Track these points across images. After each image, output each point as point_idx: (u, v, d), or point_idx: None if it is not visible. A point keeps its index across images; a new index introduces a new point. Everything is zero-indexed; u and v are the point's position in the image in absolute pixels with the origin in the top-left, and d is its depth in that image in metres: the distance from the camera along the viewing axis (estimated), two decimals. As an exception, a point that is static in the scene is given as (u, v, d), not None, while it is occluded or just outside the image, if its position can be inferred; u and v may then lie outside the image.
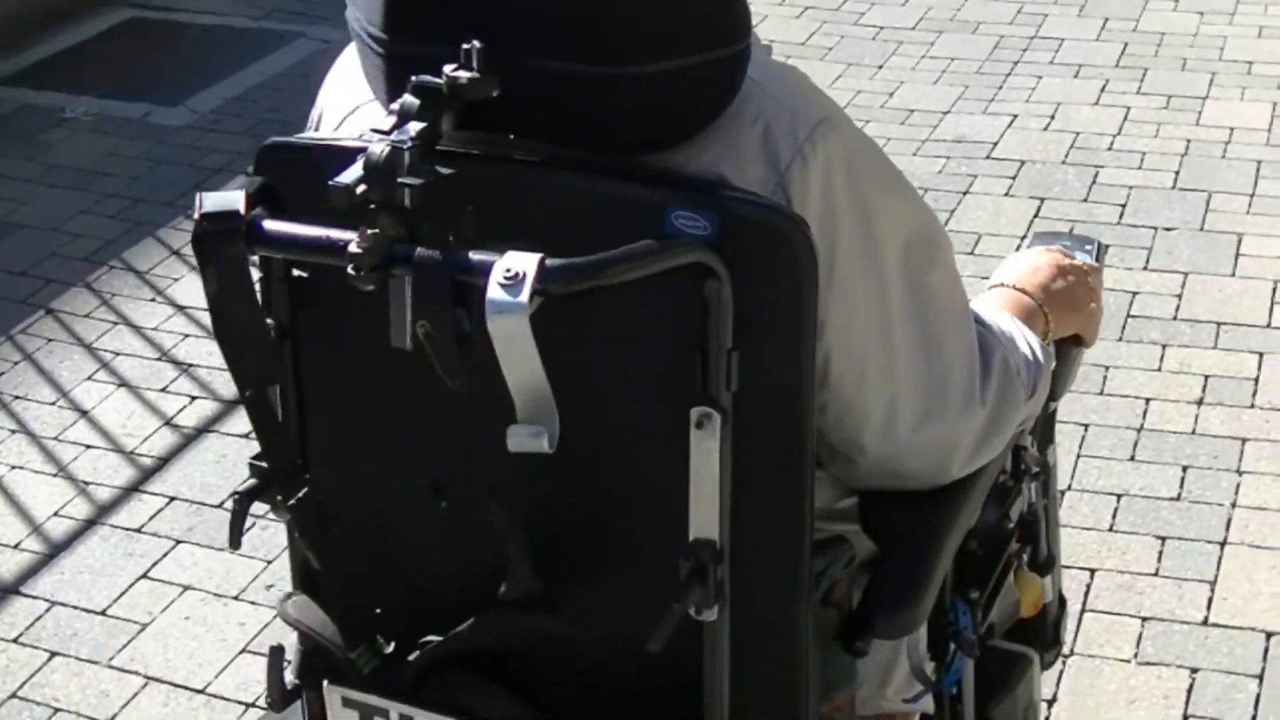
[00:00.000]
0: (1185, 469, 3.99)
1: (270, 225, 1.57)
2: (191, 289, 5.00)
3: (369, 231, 1.43)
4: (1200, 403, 4.24)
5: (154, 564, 3.86)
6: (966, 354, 1.77)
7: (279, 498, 1.74)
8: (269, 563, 3.83)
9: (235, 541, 1.79)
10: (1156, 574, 3.66)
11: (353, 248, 1.42)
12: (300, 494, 1.74)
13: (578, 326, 1.51)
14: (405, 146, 1.44)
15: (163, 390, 4.53)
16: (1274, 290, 4.73)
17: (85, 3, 7.32)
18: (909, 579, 1.82)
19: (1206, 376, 4.35)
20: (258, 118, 6.22)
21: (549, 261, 1.40)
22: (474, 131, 1.55)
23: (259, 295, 1.69)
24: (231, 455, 4.22)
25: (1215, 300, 4.69)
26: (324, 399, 1.80)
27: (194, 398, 4.48)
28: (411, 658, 1.77)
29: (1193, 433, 4.12)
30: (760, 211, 1.53)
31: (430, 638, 1.75)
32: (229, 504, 4.02)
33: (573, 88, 1.54)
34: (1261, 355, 4.43)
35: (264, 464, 1.74)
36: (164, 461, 4.23)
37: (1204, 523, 3.81)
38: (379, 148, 1.44)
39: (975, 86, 6.20)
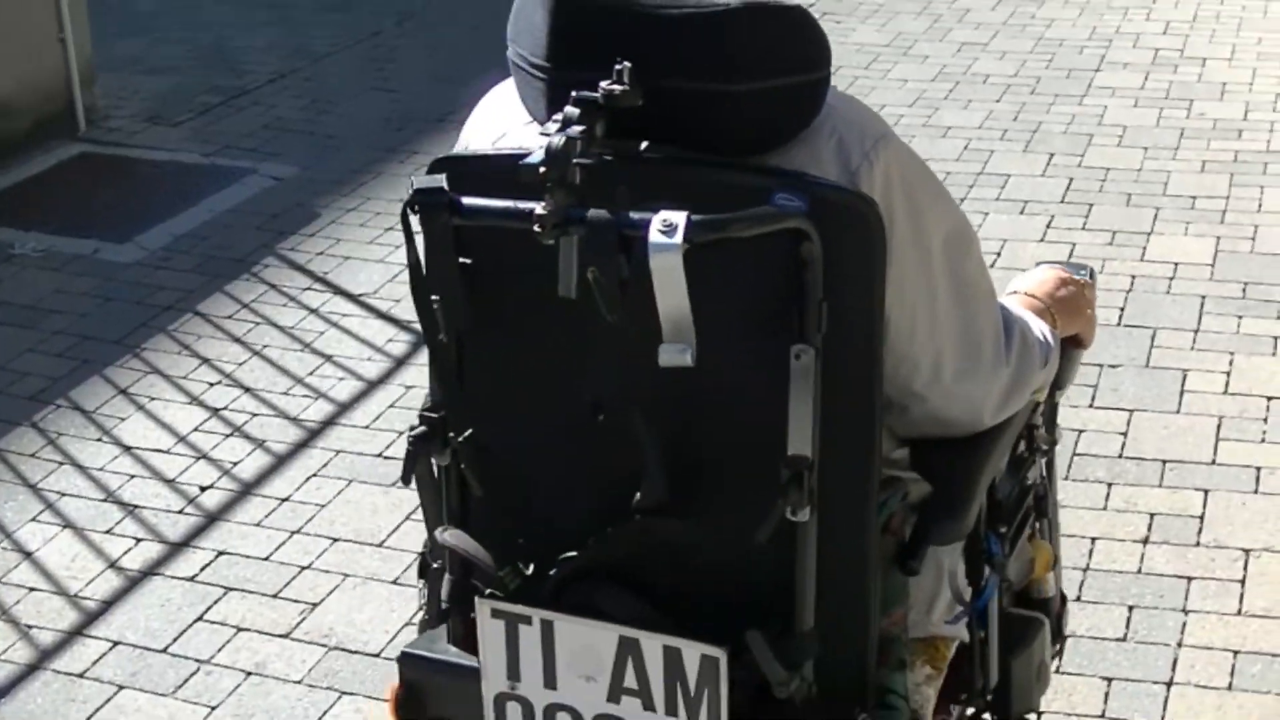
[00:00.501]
0: (1131, 609, 3.99)
1: (468, 200, 2.02)
2: (139, 428, 4.99)
3: (550, 199, 1.84)
4: (1146, 541, 4.26)
5: (96, 710, 3.81)
6: (994, 325, 2.23)
7: (451, 435, 2.18)
8: (213, 709, 3.79)
9: (406, 479, 2.23)
10: (1103, 715, 3.66)
11: (539, 211, 1.84)
12: (467, 433, 2.17)
13: (701, 285, 1.85)
14: (576, 137, 1.86)
15: (107, 532, 4.50)
16: (1218, 427, 4.77)
17: (35, 137, 7.34)
18: (956, 497, 2.31)
19: (1152, 515, 4.36)
20: (207, 254, 6.23)
21: (693, 216, 1.83)
22: (617, 140, 1.95)
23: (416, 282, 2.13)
24: (176, 599, 4.19)
25: (1160, 437, 4.72)
26: (485, 358, 2.19)
27: (139, 539, 4.45)
28: (551, 573, 2.16)
29: (1138, 572, 4.13)
30: (840, 194, 1.97)
31: (566, 555, 2.15)
32: (171, 649, 4.00)
33: (695, 102, 1.98)
34: (1207, 492, 4.45)
35: (433, 414, 2.19)
36: (108, 605, 4.19)
37: (1150, 663, 3.81)
38: (557, 138, 1.85)
39: (922, 222, 6.24)
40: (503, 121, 2.19)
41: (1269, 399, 4.91)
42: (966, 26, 8.82)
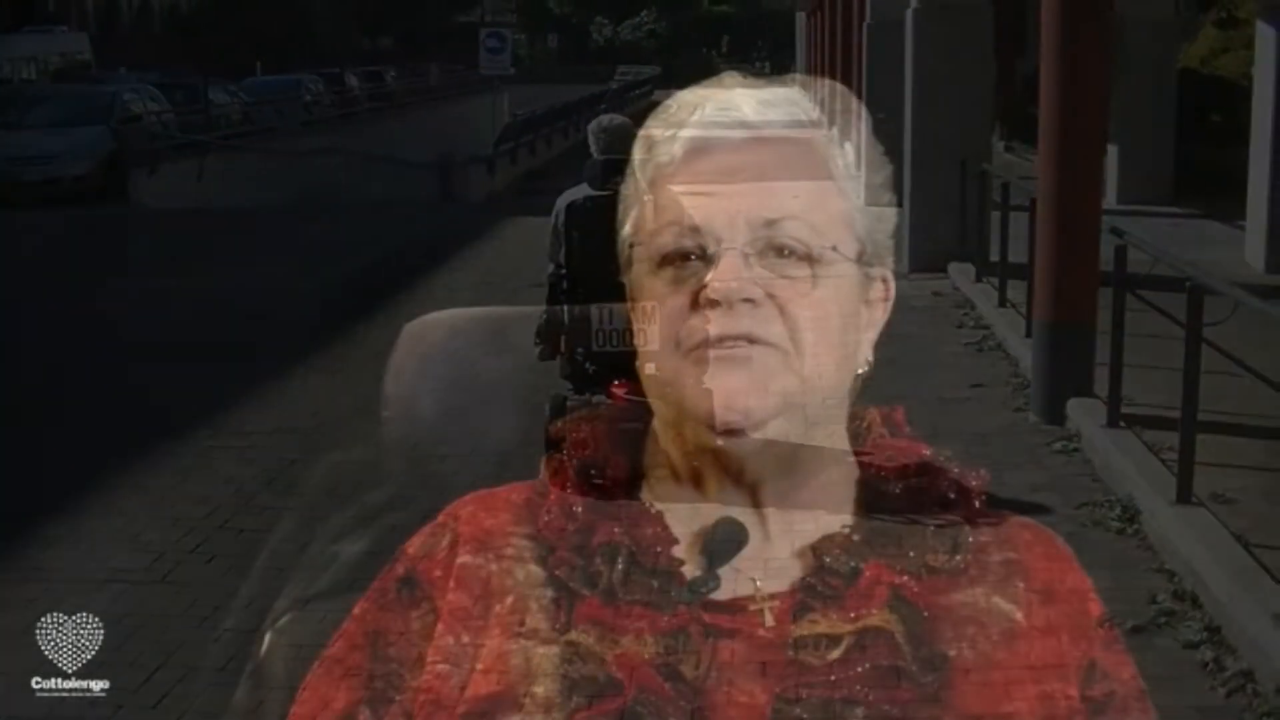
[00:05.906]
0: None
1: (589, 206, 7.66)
2: None
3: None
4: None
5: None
6: None
7: (569, 288, 7.80)
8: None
9: (553, 313, 7.82)
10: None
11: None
12: (575, 290, 7.75)
13: None
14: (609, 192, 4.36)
15: None
16: None
17: None
18: None
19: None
20: None
21: None
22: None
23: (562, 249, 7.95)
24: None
25: None
26: (586, 258, 7.59)
27: None
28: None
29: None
30: None
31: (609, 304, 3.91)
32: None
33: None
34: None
35: (553, 305, 7.98)
36: None
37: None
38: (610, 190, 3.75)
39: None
40: (575, 193, 7.86)
41: None
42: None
